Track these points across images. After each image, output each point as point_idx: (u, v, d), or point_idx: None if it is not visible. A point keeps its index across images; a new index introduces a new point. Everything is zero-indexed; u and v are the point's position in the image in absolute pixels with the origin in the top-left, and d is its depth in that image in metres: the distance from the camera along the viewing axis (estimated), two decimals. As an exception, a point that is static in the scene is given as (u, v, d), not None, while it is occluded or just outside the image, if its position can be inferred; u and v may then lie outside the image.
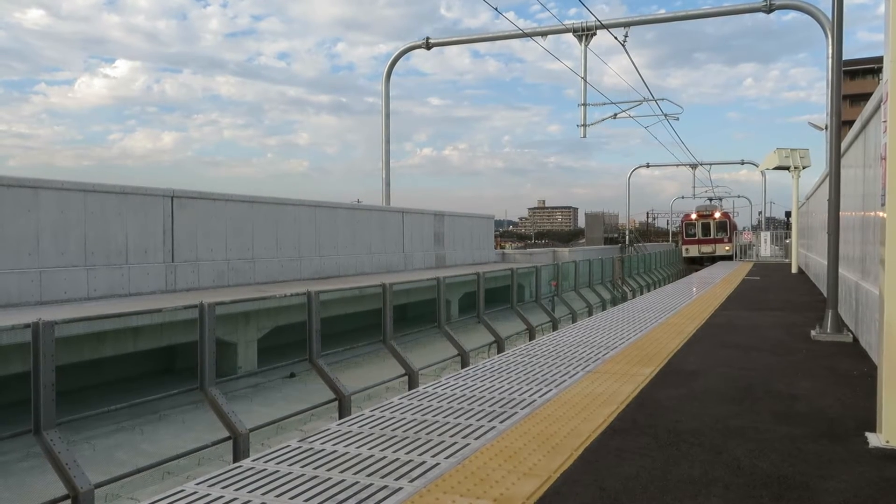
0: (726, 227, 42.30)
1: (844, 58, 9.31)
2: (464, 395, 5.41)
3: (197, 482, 3.56)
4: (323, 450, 4.08)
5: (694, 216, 43.26)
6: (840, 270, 8.87)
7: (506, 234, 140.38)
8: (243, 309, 14.55)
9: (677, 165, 58.75)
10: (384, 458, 3.90)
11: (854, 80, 68.15)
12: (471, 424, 4.56)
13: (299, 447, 4.16)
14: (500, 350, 15.35)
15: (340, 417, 9.37)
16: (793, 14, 25.55)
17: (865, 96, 9.72)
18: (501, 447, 4.07)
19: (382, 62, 32.90)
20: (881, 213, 4.18)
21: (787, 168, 21.95)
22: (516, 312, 19.15)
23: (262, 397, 13.06)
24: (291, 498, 3.32)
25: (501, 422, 4.61)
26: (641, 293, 30.79)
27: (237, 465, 3.85)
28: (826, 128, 23.84)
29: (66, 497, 7.51)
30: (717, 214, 43.04)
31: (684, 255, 43.47)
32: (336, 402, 10.23)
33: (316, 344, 10.32)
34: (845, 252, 9.25)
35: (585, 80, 25.24)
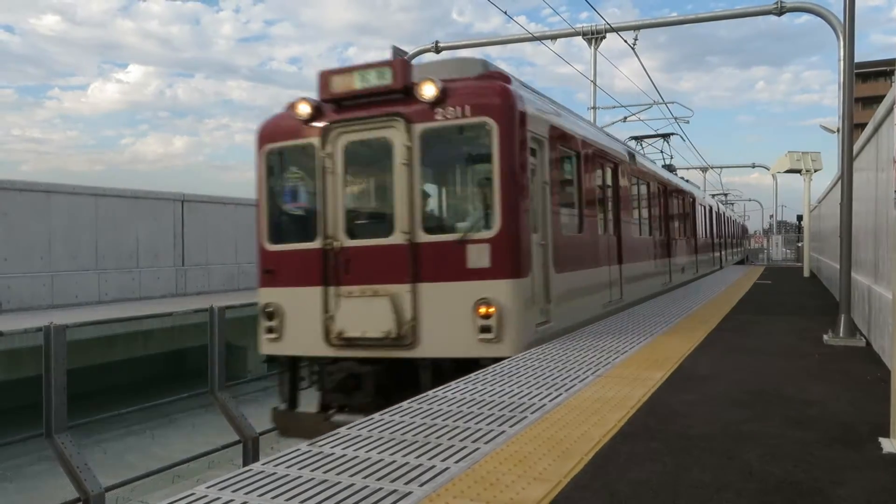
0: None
1: (857, 60, 9.25)
2: (473, 399, 5.40)
3: (207, 486, 3.57)
4: (332, 454, 4.08)
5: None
6: (852, 274, 8.80)
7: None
8: (253, 312, 14.59)
9: (687, 169, 58.45)
10: (394, 461, 3.89)
11: (866, 82, 67.70)
12: (480, 429, 4.55)
13: (309, 451, 4.16)
14: (510, 354, 15.26)
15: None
16: (806, 17, 25.78)
17: (878, 99, 9.64)
18: (511, 451, 4.06)
19: (392, 66, 32.83)
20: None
21: (799, 171, 21.86)
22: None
23: (272, 401, 13.07)
24: (302, 502, 3.32)
25: (511, 426, 4.59)
26: (651, 297, 30.60)
27: (247, 468, 3.86)
28: (838, 131, 23.68)
29: (77, 500, 7.55)
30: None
31: (264, 349, 8.73)
32: (345, 406, 10.21)
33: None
34: (857, 256, 9.19)
35: (595, 84, 25.18)
